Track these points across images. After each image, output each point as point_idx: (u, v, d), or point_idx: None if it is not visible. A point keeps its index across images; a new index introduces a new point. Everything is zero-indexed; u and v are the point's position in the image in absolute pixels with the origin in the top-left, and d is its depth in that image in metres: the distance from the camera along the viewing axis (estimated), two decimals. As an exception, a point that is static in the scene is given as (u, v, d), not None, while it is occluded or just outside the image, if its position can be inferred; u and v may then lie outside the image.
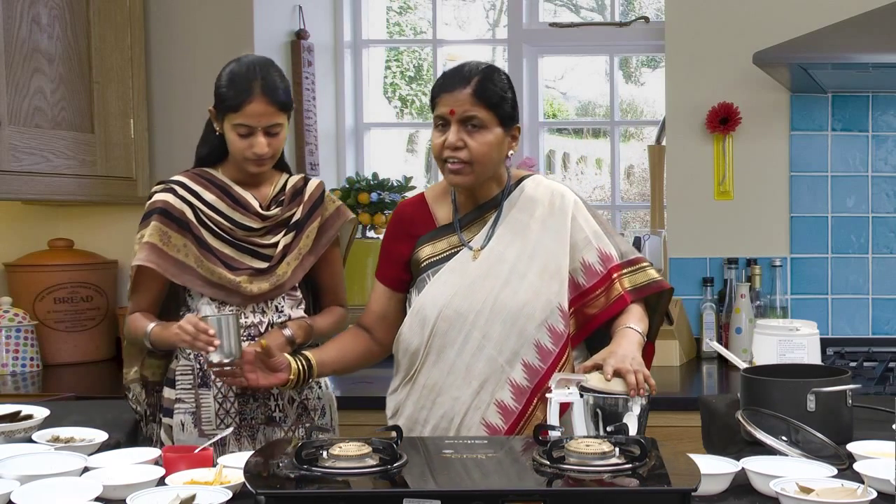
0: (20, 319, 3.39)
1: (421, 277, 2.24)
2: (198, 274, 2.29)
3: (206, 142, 2.39)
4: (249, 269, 2.32)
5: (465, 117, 2.12)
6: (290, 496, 1.60)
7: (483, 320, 2.17)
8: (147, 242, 2.28)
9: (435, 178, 4.20)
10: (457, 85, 2.12)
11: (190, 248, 2.29)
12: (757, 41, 3.21)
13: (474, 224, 2.25)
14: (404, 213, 2.33)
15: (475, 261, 2.21)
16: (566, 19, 4.30)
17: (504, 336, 2.17)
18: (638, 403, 1.94)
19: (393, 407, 2.29)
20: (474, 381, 2.17)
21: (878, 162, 3.52)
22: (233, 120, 2.25)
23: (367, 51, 4.24)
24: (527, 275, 2.19)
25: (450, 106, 2.12)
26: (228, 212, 2.33)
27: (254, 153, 2.26)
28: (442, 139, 2.14)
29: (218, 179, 2.36)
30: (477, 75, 2.13)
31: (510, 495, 1.60)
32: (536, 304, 2.17)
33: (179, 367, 2.34)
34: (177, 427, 2.31)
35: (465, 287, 2.19)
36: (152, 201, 2.33)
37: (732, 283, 3.49)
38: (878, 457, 1.83)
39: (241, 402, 2.32)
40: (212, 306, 2.30)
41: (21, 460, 1.83)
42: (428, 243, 2.26)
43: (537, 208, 2.24)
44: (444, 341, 2.19)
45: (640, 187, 4.53)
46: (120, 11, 3.49)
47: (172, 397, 2.33)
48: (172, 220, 2.29)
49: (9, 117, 3.06)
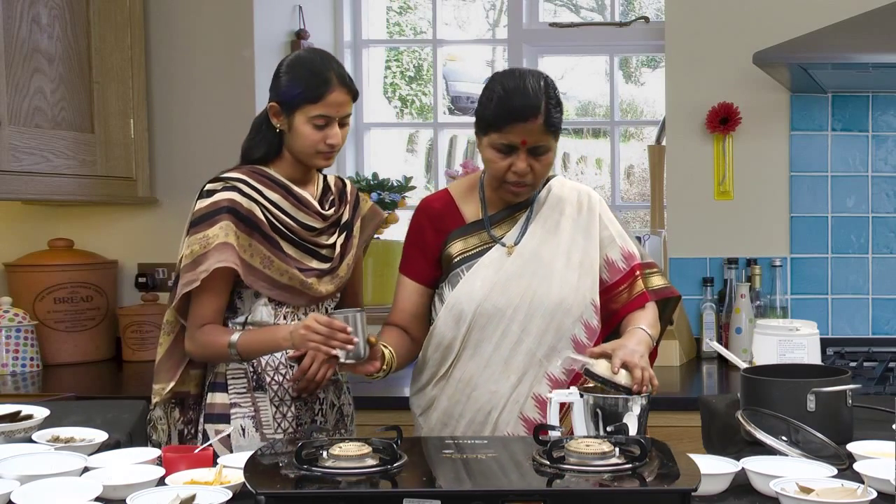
0: (20, 319, 3.39)
1: (454, 273, 2.26)
2: (264, 275, 2.22)
3: (263, 141, 2.30)
4: (314, 270, 2.29)
5: (535, 146, 2.14)
6: (290, 496, 1.60)
7: (522, 315, 2.21)
8: (223, 243, 2.18)
9: (435, 178, 4.20)
10: (529, 115, 2.11)
11: (256, 248, 2.22)
12: (757, 41, 3.21)
13: (505, 221, 2.29)
14: (431, 208, 2.33)
15: (510, 257, 2.24)
16: (566, 19, 4.30)
17: (542, 331, 2.21)
18: (638, 403, 1.95)
19: (425, 403, 2.30)
20: (513, 375, 2.21)
21: (878, 162, 3.52)
22: (310, 112, 2.21)
23: (367, 51, 4.24)
24: (562, 271, 2.24)
25: (522, 136, 2.13)
26: (292, 211, 2.27)
27: (329, 144, 2.23)
28: (507, 163, 2.15)
29: (277, 178, 2.29)
30: (543, 99, 2.12)
31: (510, 495, 1.60)
32: (572, 299, 2.23)
33: (230, 371, 2.26)
34: (236, 433, 2.22)
35: (502, 282, 2.22)
36: (215, 200, 2.21)
37: (732, 283, 3.49)
38: (878, 457, 1.83)
39: (297, 406, 2.29)
40: (268, 307, 2.25)
41: (21, 460, 1.83)
42: (459, 239, 2.28)
43: (566, 207, 2.30)
44: (482, 335, 2.22)
45: (640, 187, 4.53)
46: (120, 11, 3.49)
47: (226, 402, 2.26)
48: (241, 220, 2.20)
49: (9, 117, 3.06)
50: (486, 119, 2.16)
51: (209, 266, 2.17)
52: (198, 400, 2.32)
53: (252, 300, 2.26)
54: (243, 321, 2.27)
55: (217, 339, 2.22)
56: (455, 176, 3.77)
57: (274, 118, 2.27)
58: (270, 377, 2.26)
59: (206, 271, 2.18)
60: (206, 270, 2.18)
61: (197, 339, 2.24)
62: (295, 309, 2.29)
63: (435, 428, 2.27)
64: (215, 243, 2.18)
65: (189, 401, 2.32)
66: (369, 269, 3.84)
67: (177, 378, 2.27)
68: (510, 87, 2.13)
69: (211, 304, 2.23)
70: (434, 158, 4.22)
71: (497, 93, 2.14)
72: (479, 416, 2.23)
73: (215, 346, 2.22)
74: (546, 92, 2.14)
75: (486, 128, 2.16)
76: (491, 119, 2.14)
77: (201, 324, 2.23)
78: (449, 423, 2.24)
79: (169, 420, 2.30)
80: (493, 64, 4.65)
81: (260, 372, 2.25)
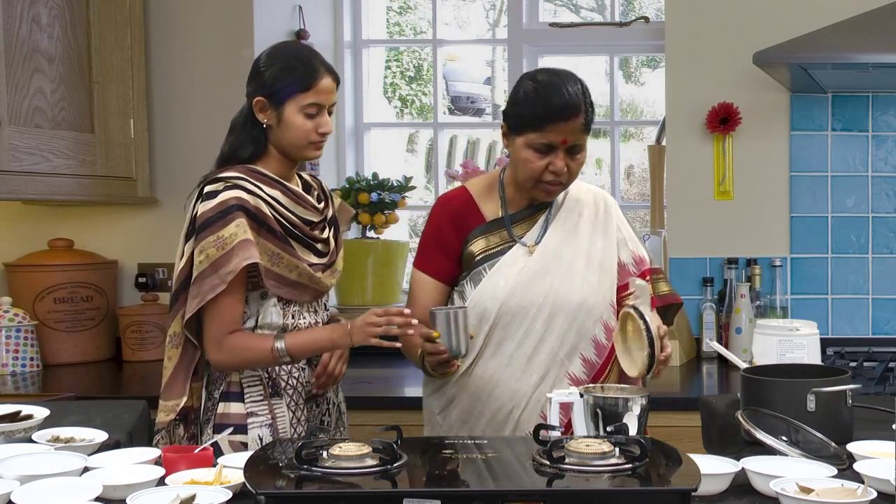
0: (20, 319, 3.39)
1: (476, 271, 2.27)
2: (273, 273, 2.18)
3: (249, 139, 2.25)
4: (316, 264, 2.27)
5: (573, 146, 2.16)
6: (290, 496, 1.60)
7: (546, 314, 2.23)
8: (245, 240, 2.11)
9: (435, 178, 4.20)
10: (570, 115, 2.12)
11: (264, 245, 2.16)
12: (757, 41, 3.21)
13: (524, 221, 2.30)
14: (452, 206, 2.33)
15: (531, 256, 2.25)
16: (566, 19, 4.30)
17: (565, 330, 2.23)
18: (638, 403, 1.94)
19: (444, 401, 2.30)
20: (535, 374, 2.23)
21: (878, 162, 3.52)
22: (302, 101, 2.19)
23: (367, 51, 4.24)
24: (583, 272, 2.26)
25: (563, 136, 2.14)
26: (292, 206, 2.24)
27: (321, 133, 2.22)
28: (544, 163, 2.16)
29: (271, 175, 2.24)
30: (582, 98, 2.14)
31: (510, 495, 1.60)
32: (594, 300, 2.25)
33: (246, 379, 2.22)
34: (253, 443, 2.17)
35: (525, 282, 2.24)
36: (223, 200, 2.14)
37: (732, 283, 3.49)
38: (878, 457, 1.83)
39: (309, 408, 2.29)
40: (277, 307, 2.23)
41: (21, 460, 1.82)
42: (481, 237, 2.28)
43: (584, 209, 2.32)
44: (505, 334, 2.23)
45: (640, 187, 4.54)
46: (120, 11, 3.49)
47: (243, 411, 2.21)
48: (251, 217, 2.15)
49: (9, 117, 3.06)
50: (523, 118, 2.15)
51: (236, 266, 2.11)
52: (199, 413, 2.27)
53: (258, 302, 2.23)
54: (253, 325, 2.23)
55: (256, 345, 2.17)
56: (455, 176, 3.77)
57: (260, 113, 2.23)
58: (285, 381, 2.25)
59: (232, 272, 2.11)
60: (233, 271, 2.11)
61: (227, 347, 2.16)
62: (301, 307, 2.27)
63: (454, 425, 2.27)
64: (236, 241, 2.11)
65: (192, 415, 2.25)
66: (369, 268, 3.84)
67: (187, 392, 2.20)
68: (550, 87, 2.13)
69: (237, 308, 2.17)
70: (434, 158, 4.22)
71: (537, 92, 2.14)
72: (500, 414, 2.24)
73: (254, 352, 2.17)
74: (584, 91, 2.16)
75: (522, 127, 2.15)
76: (530, 118, 2.14)
77: (230, 330, 2.16)
78: (468, 421, 2.25)
79: (172, 437, 2.22)
80: (493, 64, 4.65)
81: (275, 377, 2.23)
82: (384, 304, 3.88)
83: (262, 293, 2.23)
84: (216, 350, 2.17)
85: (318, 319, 2.31)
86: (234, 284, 2.13)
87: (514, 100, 2.19)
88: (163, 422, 2.19)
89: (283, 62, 2.21)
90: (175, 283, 2.21)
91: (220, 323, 2.16)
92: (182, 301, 2.18)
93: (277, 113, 2.21)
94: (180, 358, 2.21)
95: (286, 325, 2.25)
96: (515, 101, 2.18)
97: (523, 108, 2.15)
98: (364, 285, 3.85)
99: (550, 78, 2.16)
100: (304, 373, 2.28)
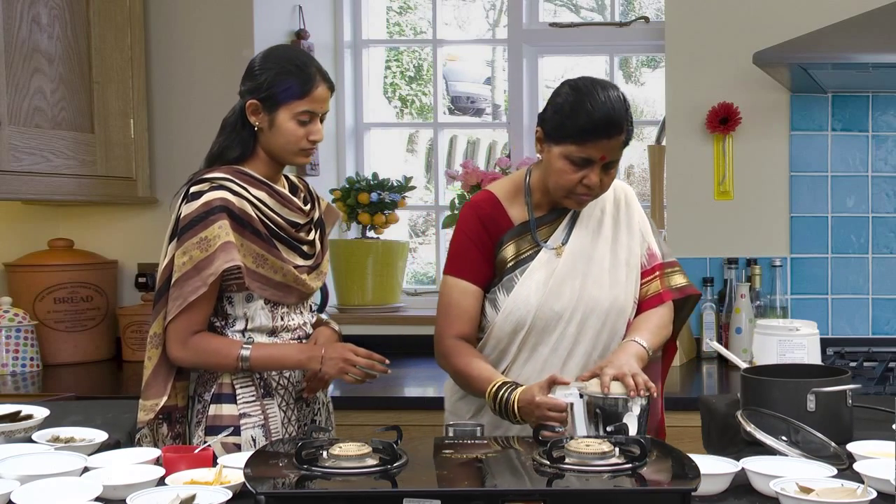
0: (20, 319, 3.39)
1: (509, 277, 2.24)
2: (258, 275, 2.18)
3: (238, 141, 2.24)
4: (301, 266, 2.26)
5: (610, 161, 2.13)
6: (290, 496, 1.60)
7: (578, 317, 2.21)
8: (227, 242, 2.11)
9: (435, 178, 4.20)
10: (613, 132, 2.09)
11: (248, 247, 2.16)
12: (757, 41, 3.21)
13: (547, 224, 2.27)
14: (483, 211, 2.27)
15: (559, 258, 2.23)
16: (566, 19, 4.30)
17: (598, 331, 2.22)
18: (638, 404, 1.94)
19: (475, 407, 2.27)
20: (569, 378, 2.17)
21: (878, 162, 3.52)
22: (296, 108, 2.18)
23: (367, 51, 4.24)
24: (610, 269, 2.24)
25: (602, 152, 2.10)
26: (278, 208, 2.23)
27: (311, 141, 2.21)
28: (579, 176, 2.12)
29: (258, 176, 2.23)
30: (625, 115, 2.10)
31: (510, 495, 1.60)
32: (623, 298, 2.24)
33: (238, 381, 2.21)
34: (246, 444, 2.17)
35: (556, 285, 2.21)
36: (207, 201, 2.14)
37: (732, 283, 3.49)
38: (878, 457, 1.83)
39: (299, 408, 2.29)
40: (265, 310, 2.23)
41: (21, 460, 1.83)
42: (512, 242, 2.25)
43: (606, 204, 2.29)
44: (539, 339, 2.21)
45: (640, 187, 4.53)
46: (120, 11, 3.49)
47: (235, 413, 2.20)
48: (234, 219, 2.15)
49: (9, 117, 3.06)
50: (564, 129, 2.10)
51: (217, 268, 2.11)
52: (184, 413, 2.26)
53: (243, 304, 2.22)
54: (242, 328, 2.23)
55: (222, 350, 2.18)
56: (455, 176, 3.77)
57: (252, 116, 2.21)
58: (277, 382, 2.25)
59: (214, 274, 2.12)
60: (215, 273, 2.12)
61: (192, 347, 2.17)
62: (289, 308, 2.28)
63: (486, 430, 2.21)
64: (218, 244, 2.11)
65: (176, 414, 2.23)
66: (369, 269, 3.85)
67: (168, 392, 2.18)
68: (597, 103, 2.08)
69: (205, 310, 2.19)
70: (434, 158, 4.22)
71: (581, 104, 2.08)
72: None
73: (218, 357, 2.18)
74: (626, 107, 2.12)
75: (561, 137, 2.11)
76: (571, 130, 2.09)
77: (195, 330, 2.18)
78: (502, 425, 2.20)
79: (156, 436, 2.20)
80: (493, 64, 4.65)
81: (266, 378, 2.24)
82: (384, 305, 3.89)
83: (247, 295, 2.22)
84: (180, 347, 2.17)
85: (305, 320, 2.33)
86: (211, 286, 2.14)
87: (556, 108, 2.12)
88: (142, 421, 2.18)
89: (280, 67, 2.20)
90: (158, 283, 2.22)
91: (189, 322, 2.16)
92: (164, 302, 2.19)
93: (270, 117, 2.20)
94: (160, 358, 2.20)
95: (276, 328, 2.25)
96: (559, 111, 2.11)
97: (566, 119, 2.10)
98: (364, 285, 3.85)
99: (595, 91, 2.10)
100: (294, 373, 2.28)
